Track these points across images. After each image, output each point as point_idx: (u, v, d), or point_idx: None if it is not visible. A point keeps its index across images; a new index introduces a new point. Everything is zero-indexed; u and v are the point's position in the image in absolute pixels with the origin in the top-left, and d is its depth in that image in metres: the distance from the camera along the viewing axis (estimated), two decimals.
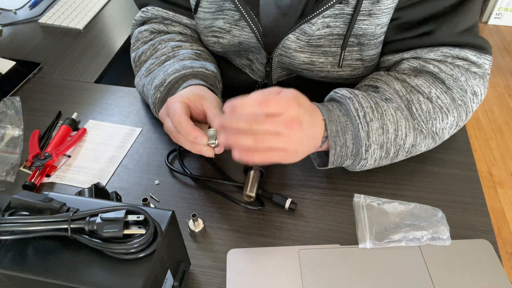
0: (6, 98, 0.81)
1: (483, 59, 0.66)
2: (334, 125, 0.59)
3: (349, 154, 0.61)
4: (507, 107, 2.13)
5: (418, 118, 0.62)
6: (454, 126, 0.65)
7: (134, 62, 0.77)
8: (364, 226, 0.60)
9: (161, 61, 0.72)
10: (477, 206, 0.64)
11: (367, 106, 0.60)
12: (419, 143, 0.63)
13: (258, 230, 0.61)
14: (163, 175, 0.68)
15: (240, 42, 0.74)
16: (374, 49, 0.70)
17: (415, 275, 0.55)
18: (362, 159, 0.61)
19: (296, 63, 0.72)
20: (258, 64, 0.79)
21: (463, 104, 0.64)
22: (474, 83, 0.65)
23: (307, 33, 0.67)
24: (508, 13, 2.62)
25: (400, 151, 0.63)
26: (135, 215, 0.42)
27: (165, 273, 0.47)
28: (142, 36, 0.78)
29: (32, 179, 0.66)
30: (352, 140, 0.60)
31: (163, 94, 0.67)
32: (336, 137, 0.59)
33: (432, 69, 0.65)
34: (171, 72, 0.67)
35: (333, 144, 0.59)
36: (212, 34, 0.75)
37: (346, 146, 0.60)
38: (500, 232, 1.61)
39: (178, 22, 0.78)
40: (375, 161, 0.62)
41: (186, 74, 0.67)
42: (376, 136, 0.59)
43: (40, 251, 0.43)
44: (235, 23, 0.72)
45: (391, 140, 0.61)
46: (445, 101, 0.63)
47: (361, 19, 0.65)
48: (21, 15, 1.11)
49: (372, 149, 0.60)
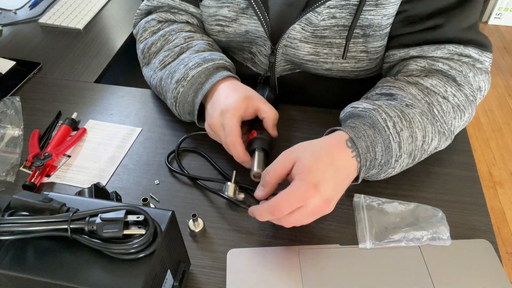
0: (6, 98, 0.81)
1: (484, 57, 0.66)
2: (364, 141, 0.56)
3: (377, 165, 0.59)
4: (507, 107, 2.13)
5: (441, 120, 0.62)
6: (466, 122, 0.66)
7: (143, 54, 0.77)
8: (364, 226, 0.60)
9: (176, 53, 0.71)
10: (477, 206, 0.64)
11: (395, 116, 0.58)
12: (441, 145, 0.64)
13: (258, 230, 0.61)
14: (163, 175, 0.68)
15: (247, 31, 0.74)
16: (379, 40, 0.69)
17: (415, 275, 0.55)
18: (390, 168, 0.60)
19: (301, 54, 0.72)
20: (261, 56, 0.79)
21: (474, 100, 0.65)
22: (481, 78, 0.66)
23: (312, 23, 0.67)
24: (508, 13, 2.62)
25: (423, 155, 0.63)
26: (135, 215, 0.42)
27: (165, 273, 0.47)
28: (150, 26, 0.77)
29: (32, 179, 0.66)
30: (381, 152, 0.57)
31: (186, 89, 0.67)
32: (367, 154, 0.57)
33: (442, 67, 0.64)
34: (192, 66, 0.67)
35: (364, 161, 0.56)
36: (217, 23, 0.75)
37: (375, 159, 0.58)
38: (500, 232, 1.61)
39: (185, 11, 0.78)
40: (401, 168, 0.62)
41: (208, 68, 0.67)
42: (406, 145, 0.58)
43: (40, 251, 0.43)
44: (241, 11, 0.72)
45: (419, 147, 0.60)
46: (460, 98, 0.63)
47: (367, 9, 0.65)
48: (21, 15, 1.11)
49: (402, 158, 0.59)
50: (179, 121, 0.76)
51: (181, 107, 0.70)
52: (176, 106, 0.70)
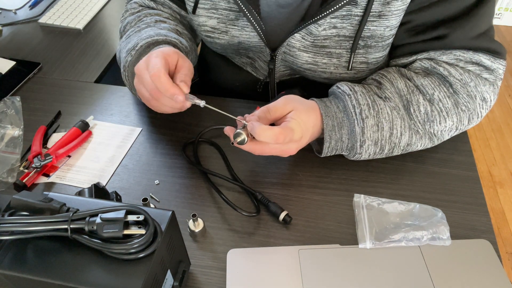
0: (6, 98, 0.81)
1: (497, 64, 0.65)
2: (331, 120, 0.62)
3: (344, 148, 0.64)
4: (507, 107, 2.13)
5: (415, 119, 0.63)
6: (453, 129, 0.66)
7: (120, 33, 0.79)
8: (364, 226, 0.60)
9: (141, 28, 0.72)
10: (477, 206, 0.64)
11: (364, 104, 0.62)
12: (414, 142, 0.64)
13: (258, 230, 0.61)
14: (163, 175, 0.68)
15: (240, 42, 0.74)
16: (381, 51, 0.69)
17: (415, 275, 0.55)
18: (356, 153, 0.63)
19: (299, 62, 0.72)
20: (261, 61, 0.79)
21: (466, 110, 0.64)
22: (484, 89, 0.65)
23: (313, 33, 0.67)
24: (508, 13, 2.62)
25: (395, 149, 0.65)
26: (135, 215, 0.42)
27: (165, 273, 0.47)
28: (131, 7, 0.80)
29: (24, 179, 0.66)
30: (347, 136, 0.63)
31: (134, 58, 0.67)
32: (332, 131, 0.62)
33: (442, 72, 0.64)
34: (144, 37, 0.68)
35: (328, 138, 0.63)
36: (205, 34, 0.75)
37: (341, 141, 0.63)
38: (500, 232, 1.61)
39: (169, 7, 0.80)
40: (369, 156, 0.65)
41: (158, 41, 0.67)
42: (370, 132, 0.61)
43: (40, 251, 0.43)
44: (231, 23, 0.71)
45: (386, 138, 0.63)
46: (446, 105, 0.63)
47: (370, 21, 0.64)
48: (21, 15, 1.11)
49: (367, 145, 0.62)
50: (179, 121, 0.76)
51: (130, 76, 0.69)
52: (126, 75, 0.70)
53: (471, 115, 0.65)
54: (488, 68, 0.65)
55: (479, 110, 0.65)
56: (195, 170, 0.69)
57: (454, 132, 0.67)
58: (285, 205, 0.63)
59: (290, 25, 0.70)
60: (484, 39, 0.65)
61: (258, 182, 0.67)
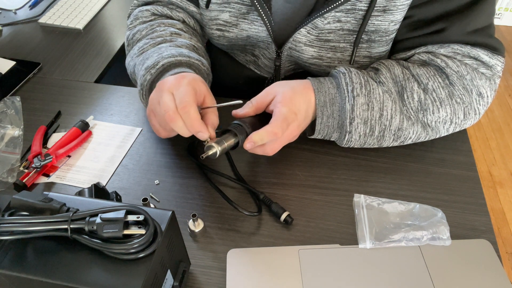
0: (6, 98, 0.81)
1: (495, 60, 0.66)
2: (323, 96, 0.63)
3: (336, 126, 0.65)
4: (507, 107, 2.13)
5: (408, 106, 0.64)
6: (448, 122, 0.65)
7: (128, 41, 0.75)
8: (364, 226, 0.60)
9: (157, 42, 0.69)
10: (477, 206, 0.64)
11: (357, 82, 0.63)
12: (406, 128, 0.64)
13: (258, 230, 0.61)
14: (163, 175, 0.68)
15: (248, 36, 0.73)
16: (384, 46, 0.70)
17: (415, 275, 0.55)
18: (347, 132, 0.63)
19: (305, 57, 0.72)
20: (265, 59, 0.78)
21: (461, 103, 0.64)
22: (480, 83, 0.65)
23: (318, 27, 0.67)
24: (508, 13, 2.62)
25: (386, 132, 0.64)
26: (135, 215, 0.42)
27: (165, 273, 0.47)
28: (142, 16, 0.76)
29: (24, 179, 0.66)
30: (338, 112, 0.64)
31: (154, 77, 0.64)
32: (324, 107, 0.63)
33: (439, 63, 0.65)
34: (166, 55, 0.64)
35: (320, 114, 0.63)
36: (217, 27, 0.74)
37: (332, 117, 0.64)
38: (500, 232, 1.61)
39: (183, 9, 0.77)
40: (360, 137, 0.64)
41: (181, 62, 0.65)
42: (360, 110, 0.62)
43: (40, 251, 0.43)
44: (242, 16, 0.71)
45: (376, 118, 0.63)
46: (440, 95, 0.63)
47: (375, 15, 0.65)
48: (21, 15, 1.11)
49: (356, 122, 0.62)
50: None
51: (147, 95, 0.66)
52: (143, 94, 0.66)
53: (466, 109, 0.65)
54: (485, 63, 0.66)
55: (475, 105, 0.65)
56: (195, 170, 0.69)
57: (450, 125, 0.66)
58: (285, 205, 0.63)
59: (296, 20, 0.70)
60: (482, 35, 0.65)
61: (258, 182, 0.67)
